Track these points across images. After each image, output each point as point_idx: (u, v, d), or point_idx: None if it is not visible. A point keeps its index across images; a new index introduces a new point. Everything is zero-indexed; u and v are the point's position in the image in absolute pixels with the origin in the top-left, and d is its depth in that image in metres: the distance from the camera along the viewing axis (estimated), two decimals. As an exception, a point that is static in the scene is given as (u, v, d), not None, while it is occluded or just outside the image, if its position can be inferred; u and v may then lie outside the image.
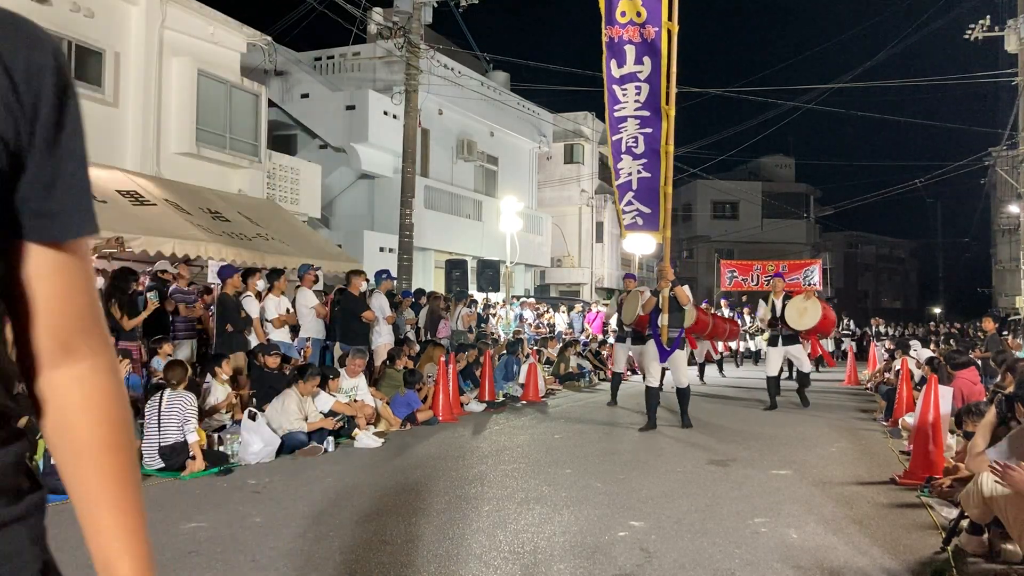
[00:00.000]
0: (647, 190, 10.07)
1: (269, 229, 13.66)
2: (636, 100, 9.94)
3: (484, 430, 10.08)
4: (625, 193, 10.18)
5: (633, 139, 10.02)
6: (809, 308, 12.35)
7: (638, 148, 10.02)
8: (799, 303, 12.42)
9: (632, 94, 9.89)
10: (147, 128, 13.76)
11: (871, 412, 11.99)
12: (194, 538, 5.11)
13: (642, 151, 10.00)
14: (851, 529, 5.41)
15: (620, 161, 10.17)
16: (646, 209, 10.12)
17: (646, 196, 10.09)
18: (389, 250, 20.10)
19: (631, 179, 10.14)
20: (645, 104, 9.87)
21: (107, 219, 10.48)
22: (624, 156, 10.10)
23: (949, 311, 55.05)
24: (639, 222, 10.24)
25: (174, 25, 14.36)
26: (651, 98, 9.80)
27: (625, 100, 9.94)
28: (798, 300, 12.50)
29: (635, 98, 9.93)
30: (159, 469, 7.08)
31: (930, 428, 7.04)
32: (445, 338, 14.44)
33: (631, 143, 10.04)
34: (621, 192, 10.25)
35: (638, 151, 10.02)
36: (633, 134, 10.01)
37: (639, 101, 9.92)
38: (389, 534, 5.20)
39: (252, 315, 10.05)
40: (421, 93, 18.74)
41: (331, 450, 8.26)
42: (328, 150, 22.21)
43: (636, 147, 10.03)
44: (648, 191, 10.06)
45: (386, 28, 18.32)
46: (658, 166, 9.90)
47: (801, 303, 12.41)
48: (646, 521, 5.58)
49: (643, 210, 10.13)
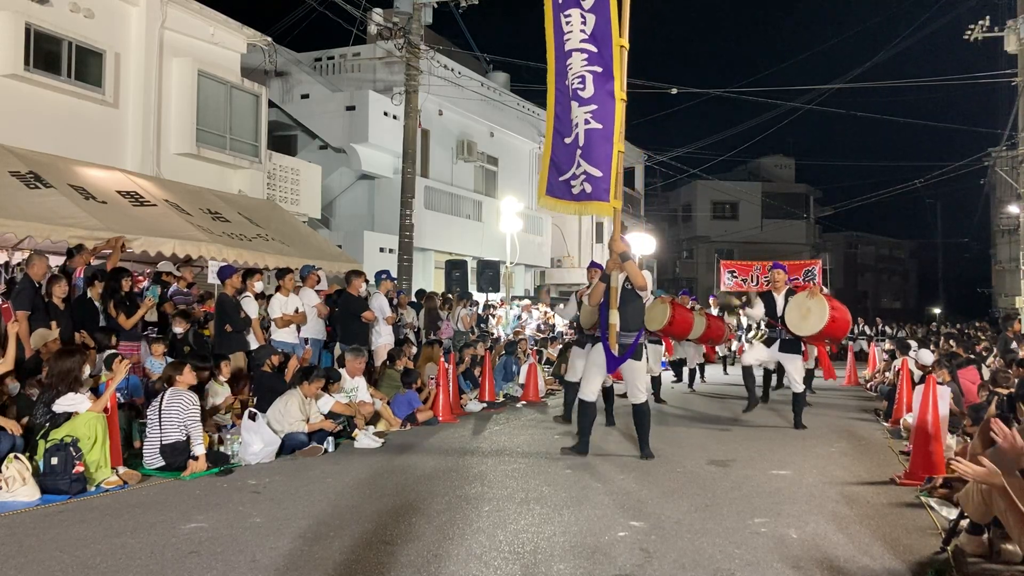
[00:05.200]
0: (598, 145, 7.82)
1: (269, 230, 13.67)
2: (582, 30, 7.95)
3: (484, 430, 10.08)
4: (574, 151, 7.95)
5: (579, 79, 7.90)
6: (813, 309, 9.98)
7: (585, 90, 7.87)
8: (801, 302, 10.14)
9: (577, 23, 7.94)
10: (147, 129, 13.77)
11: (871, 412, 12.00)
12: (194, 538, 5.11)
13: (590, 95, 7.85)
14: (851, 529, 5.42)
15: (569, 110, 8.01)
16: (596, 172, 7.81)
17: (597, 153, 7.81)
18: (389, 251, 20.10)
19: (578, 133, 7.92)
20: (592, 37, 7.90)
21: (107, 220, 10.50)
22: (572, 103, 7.97)
23: (949, 311, 55.03)
24: (587, 189, 7.89)
25: (174, 26, 14.37)
26: (599, 30, 7.87)
27: (570, 30, 7.98)
28: (801, 298, 10.19)
29: (580, 27, 7.95)
30: (159, 468, 7.08)
31: (930, 428, 7.05)
32: (447, 338, 14.46)
33: (577, 84, 7.92)
34: (568, 152, 8.00)
35: (585, 94, 7.86)
36: (579, 72, 7.91)
37: (584, 32, 7.93)
38: (389, 534, 5.21)
39: (252, 315, 10.05)
40: (421, 94, 18.75)
41: (331, 450, 8.26)
42: (328, 151, 22.22)
43: (583, 89, 7.87)
44: (599, 147, 7.81)
45: (386, 29, 18.33)
46: (611, 114, 7.78)
47: (804, 302, 10.11)
48: (646, 521, 5.58)
49: (592, 173, 7.82)
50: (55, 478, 6.23)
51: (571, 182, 8.01)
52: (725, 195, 49.39)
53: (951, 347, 14.42)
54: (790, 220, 49.28)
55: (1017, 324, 13.62)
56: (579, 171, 7.91)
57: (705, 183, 47.79)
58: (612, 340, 7.80)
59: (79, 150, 12.29)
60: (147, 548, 4.90)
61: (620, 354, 7.83)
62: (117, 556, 4.74)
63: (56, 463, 6.25)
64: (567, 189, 8.05)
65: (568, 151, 8.00)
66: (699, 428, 10.32)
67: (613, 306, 7.82)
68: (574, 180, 7.97)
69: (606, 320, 7.91)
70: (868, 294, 63.75)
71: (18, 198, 9.90)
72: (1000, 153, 31.52)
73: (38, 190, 10.28)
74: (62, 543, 4.99)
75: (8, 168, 10.40)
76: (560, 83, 8.14)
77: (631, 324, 7.86)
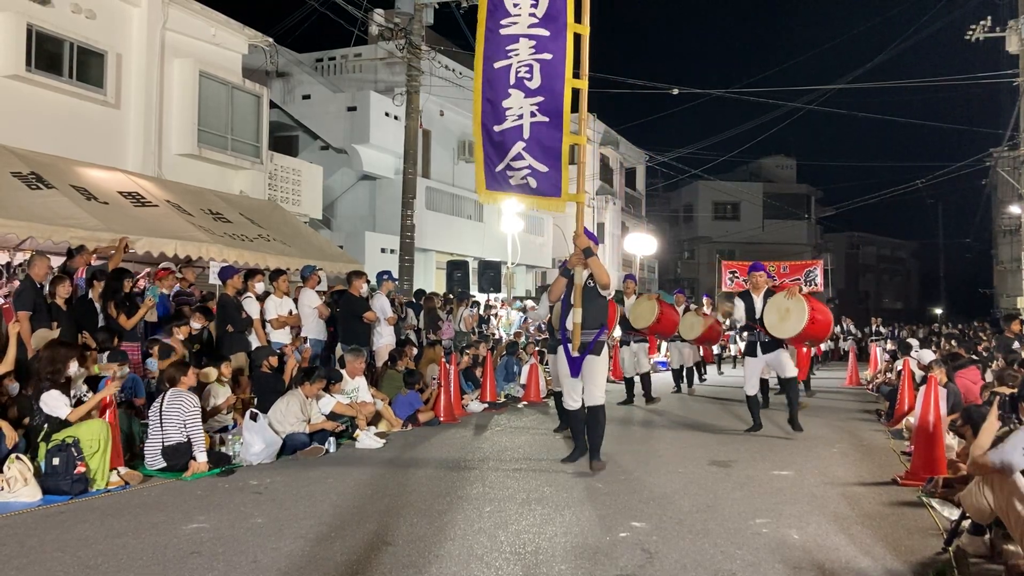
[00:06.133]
0: (543, 140, 7.38)
1: (270, 230, 13.68)
2: (532, 14, 7.35)
3: (485, 431, 10.08)
4: (513, 143, 7.43)
5: (526, 67, 7.38)
6: (792, 309, 9.48)
7: (532, 81, 7.36)
8: (780, 303, 9.62)
9: (527, 5, 7.34)
10: (149, 129, 13.78)
11: (872, 412, 11.99)
12: (196, 539, 5.11)
13: (537, 85, 7.35)
14: (853, 530, 5.41)
15: (506, 98, 7.44)
16: (542, 167, 7.40)
17: (542, 149, 7.40)
18: (390, 251, 20.13)
19: (521, 124, 7.42)
20: (543, 20, 7.31)
21: (109, 220, 10.52)
22: (513, 91, 7.43)
23: (950, 312, 55.02)
24: (531, 184, 7.49)
25: (176, 26, 14.38)
26: (552, 11, 7.28)
27: (517, 13, 7.39)
28: (779, 299, 9.66)
29: (530, 10, 7.35)
30: (161, 469, 7.08)
31: (931, 428, 7.04)
32: (448, 339, 14.46)
33: (523, 73, 7.39)
34: (506, 141, 7.46)
35: (532, 85, 7.37)
36: (526, 61, 7.38)
37: (535, 16, 7.33)
38: (391, 535, 5.21)
39: (253, 316, 10.05)
40: (422, 94, 18.76)
41: (333, 451, 8.26)
42: (329, 151, 22.26)
43: (530, 79, 7.37)
44: (544, 142, 7.38)
45: (387, 30, 18.35)
46: (559, 106, 7.29)
47: (782, 303, 9.59)
48: (648, 522, 5.58)
49: (538, 168, 7.41)
50: (56, 478, 6.23)
51: (507, 173, 7.52)
52: (726, 195, 49.42)
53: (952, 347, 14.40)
54: (791, 220, 49.29)
55: (1017, 324, 13.55)
56: (521, 164, 7.46)
57: (706, 183, 47.81)
58: (575, 340, 7.33)
59: (80, 151, 12.30)
60: (149, 548, 4.90)
61: (580, 351, 7.34)
62: (119, 556, 4.74)
63: (58, 463, 6.25)
64: (505, 180, 7.57)
65: (501, 140, 7.47)
66: (699, 428, 10.32)
67: (576, 304, 7.32)
68: (510, 171, 7.50)
69: (565, 318, 7.50)
70: (869, 294, 63.74)
71: (20, 199, 9.91)
72: (1002, 153, 31.53)
73: (40, 191, 10.29)
74: (63, 543, 5.00)
75: (10, 169, 10.41)
76: (495, 70, 7.46)
77: (591, 323, 7.36)
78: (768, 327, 9.63)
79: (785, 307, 9.54)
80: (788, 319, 9.49)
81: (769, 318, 9.61)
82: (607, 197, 33.69)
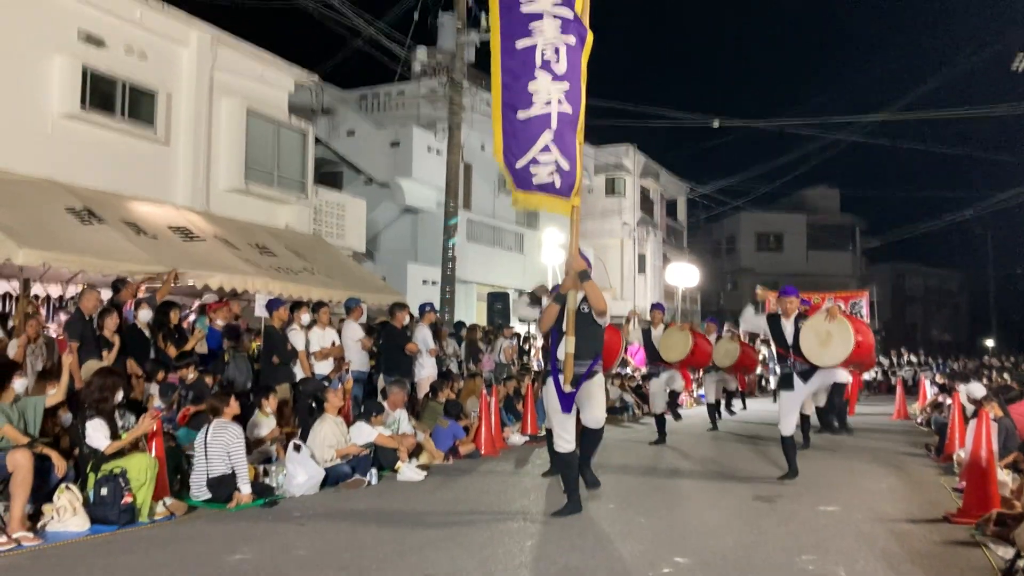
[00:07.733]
0: (567, 132, 6.60)
1: (315, 263, 13.88)
2: None
3: (526, 464, 10.04)
4: (540, 133, 6.56)
5: (553, 49, 6.54)
6: (834, 332, 8.36)
7: (559, 65, 6.52)
8: (818, 327, 8.49)
9: None
10: (197, 165, 14.10)
11: (921, 446, 11.71)
12: (239, 570, 5.15)
13: (564, 71, 6.53)
14: (903, 568, 5.28)
15: (532, 80, 6.54)
16: (565, 163, 6.59)
17: (567, 141, 6.59)
18: (432, 283, 20.26)
19: (549, 112, 6.56)
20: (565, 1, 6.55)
21: (158, 254, 10.76)
22: (540, 73, 6.54)
23: (1002, 344, 53.69)
24: (556, 182, 6.63)
25: (224, 66, 14.74)
26: None
27: None
28: (817, 322, 8.53)
29: None
30: (206, 500, 7.17)
31: (983, 463, 6.87)
32: (488, 371, 14.47)
33: (549, 55, 6.54)
34: (531, 130, 6.57)
35: (559, 69, 6.53)
36: (552, 41, 6.54)
37: None
38: (431, 567, 5.20)
39: (298, 347, 10.18)
40: (464, 129, 18.96)
41: (375, 483, 8.29)
42: (373, 185, 22.55)
43: (557, 63, 6.52)
44: (567, 134, 6.60)
45: (430, 67, 18.64)
46: (579, 97, 6.60)
47: (821, 326, 8.46)
48: (691, 557, 5.50)
49: (562, 164, 6.60)
50: (104, 508, 6.34)
51: (531, 168, 6.63)
52: (769, 227, 49.00)
53: (1005, 381, 14.07)
54: (835, 251, 48.67)
55: None
56: (547, 159, 6.59)
57: (749, 215, 47.47)
58: (567, 373, 6.66)
59: (132, 186, 12.62)
60: (193, 578, 4.96)
61: (573, 385, 6.70)
62: (164, 586, 4.80)
63: (106, 493, 6.36)
64: (527, 177, 6.69)
65: (526, 130, 6.59)
66: (742, 463, 10.16)
67: (569, 333, 6.66)
68: (534, 166, 6.61)
69: (556, 348, 6.79)
70: (917, 326, 62.48)
71: (73, 233, 10.20)
72: (1053, 182, 30.88)
73: (91, 225, 10.58)
74: (111, 571, 5.07)
75: (64, 204, 10.72)
76: (522, 47, 6.56)
77: (584, 353, 6.72)
78: (807, 354, 8.54)
79: (826, 331, 8.42)
80: (830, 344, 8.38)
81: (807, 343, 8.52)
82: (648, 228, 33.61)
